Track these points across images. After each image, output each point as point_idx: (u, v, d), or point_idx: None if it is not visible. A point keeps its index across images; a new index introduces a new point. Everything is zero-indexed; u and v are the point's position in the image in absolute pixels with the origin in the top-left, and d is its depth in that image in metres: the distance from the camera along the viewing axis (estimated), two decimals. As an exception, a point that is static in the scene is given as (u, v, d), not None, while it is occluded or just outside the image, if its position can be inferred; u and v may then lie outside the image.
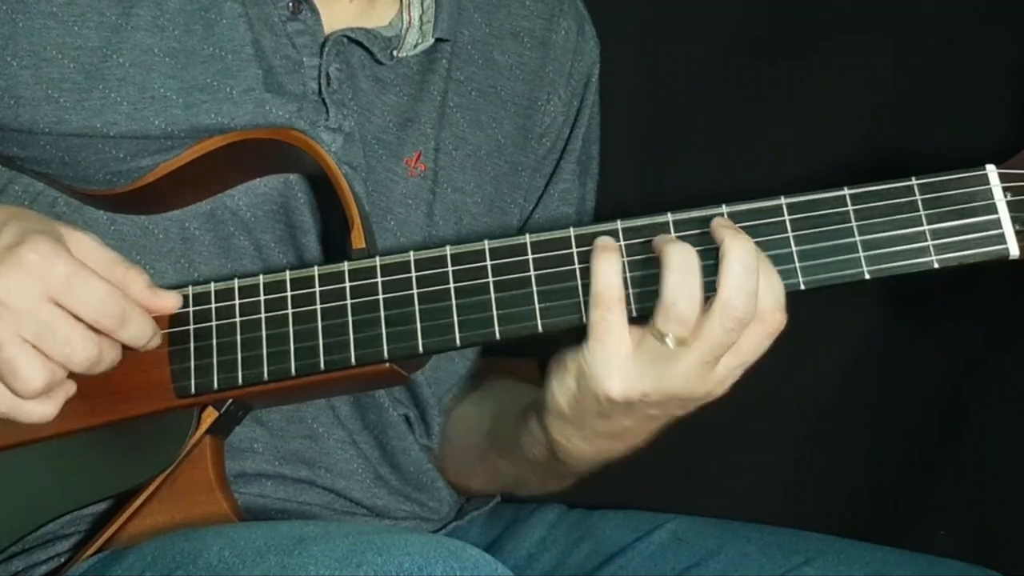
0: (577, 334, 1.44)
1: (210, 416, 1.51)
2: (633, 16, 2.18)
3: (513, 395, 1.70)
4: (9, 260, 1.38)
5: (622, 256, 1.43)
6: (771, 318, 1.40)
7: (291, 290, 1.50)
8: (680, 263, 1.38)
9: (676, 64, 2.21)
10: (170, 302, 1.49)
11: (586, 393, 1.43)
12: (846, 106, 2.10)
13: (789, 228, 1.43)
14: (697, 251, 1.41)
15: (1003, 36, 2.00)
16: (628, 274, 1.43)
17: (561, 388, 1.46)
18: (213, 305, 1.51)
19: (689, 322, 1.37)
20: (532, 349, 1.82)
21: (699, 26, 2.20)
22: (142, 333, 1.45)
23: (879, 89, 2.10)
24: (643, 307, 1.42)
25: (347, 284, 1.49)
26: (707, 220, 1.44)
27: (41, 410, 1.42)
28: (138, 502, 1.50)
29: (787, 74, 2.14)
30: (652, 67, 2.21)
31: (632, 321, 1.42)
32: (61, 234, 1.43)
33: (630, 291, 1.43)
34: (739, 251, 1.38)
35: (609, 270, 1.40)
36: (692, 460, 2.04)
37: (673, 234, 1.44)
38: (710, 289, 1.39)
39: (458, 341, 1.46)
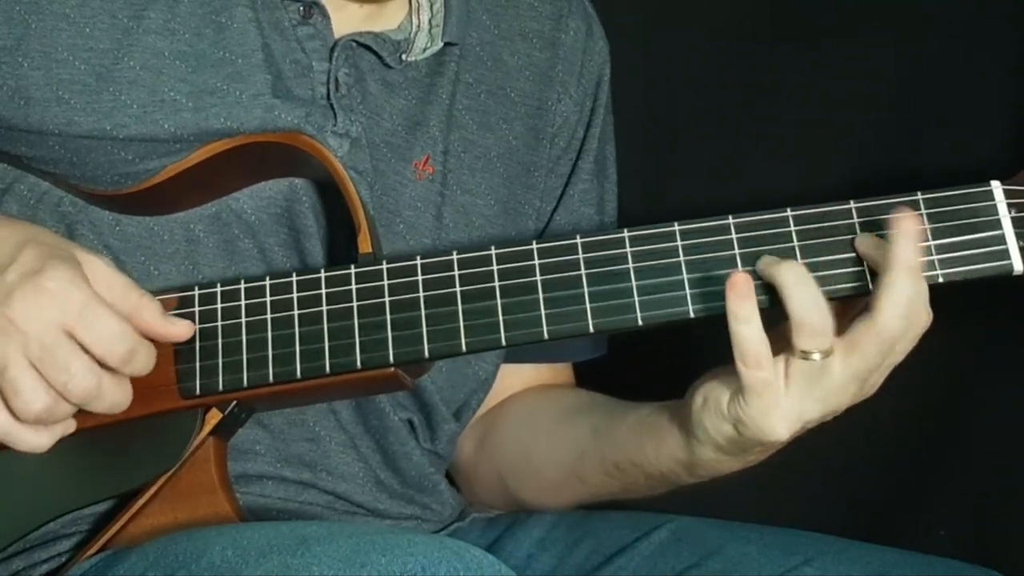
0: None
1: (214, 418, 1.51)
2: (635, 19, 2.17)
3: (616, 416, 1.69)
4: (28, 285, 1.39)
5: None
6: (917, 320, 1.40)
7: (297, 292, 1.50)
8: (794, 277, 1.38)
9: (679, 70, 2.20)
10: (183, 330, 1.49)
11: (748, 439, 1.45)
12: (852, 117, 2.10)
13: (795, 239, 1.43)
14: (704, 259, 1.43)
15: (1011, 50, 1.99)
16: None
17: (718, 431, 1.47)
18: (219, 306, 1.51)
19: (827, 331, 1.37)
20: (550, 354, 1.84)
21: (702, 30, 2.20)
22: (145, 369, 1.46)
23: (885, 101, 2.09)
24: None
25: (353, 287, 1.49)
26: (714, 230, 1.44)
27: (35, 440, 1.43)
28: (141, 502, 1.51)
29: (790, 84, 2.13)
30: (654, 70, 2.20)
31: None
32: (78, 259, 1.43)
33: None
34: (906, 276, 1.38)
35: (749, 326, 1.38)
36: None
37: (679, 243, 1.45)
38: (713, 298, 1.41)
39: (464, 347, 1.47)
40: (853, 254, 1.42)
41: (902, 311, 1.38)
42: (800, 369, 1.39)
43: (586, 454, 1.69)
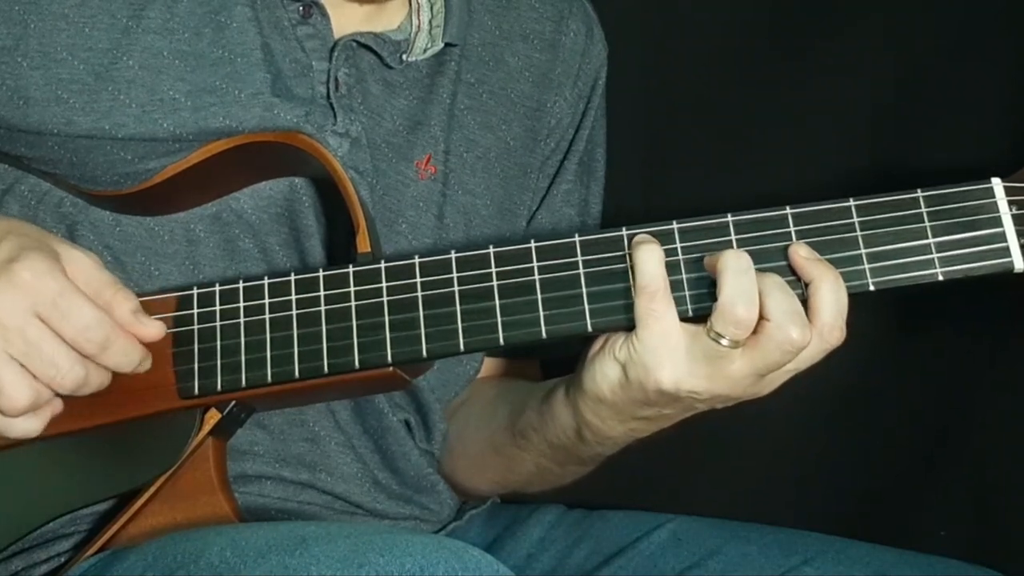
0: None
1: (213, 418, 1.51)
2: (636, 20, 2.17)
3: (528, 388, 1.70)
4: (3, 275, 1.39)
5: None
6: (830, 335, 1.40)
7: (296, 293, 1.50)
8: (736, 264, 1.38)
9: (679, 68, 2.20)
10: (153, 331, 1.47)
11: (633, 382, 1.43)
12: (851, 115, 2.09)
13: (794, 238, 1.42)
14: (701, 258, 1.42)
15: (1011, 48, 1.99)
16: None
17: (605, 376, 1.46)
18: (218, 307, 1.51)
19: (747, 324, 1.37)
20: (536, 350, 1.84)
21: (703, 31, 2.20)
22: (126, 361, 1.45)
23: (884, 98, 2.09)
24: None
25: (351, 288, 1.48)
26: (713, 229, 1.44)
27: (27, 426, 1.42)
28: (140, 502, 1.51)
29: (791, 82, 2.13)
30: (655, 71, 2.20)
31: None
32: (58, 252, 1.43)
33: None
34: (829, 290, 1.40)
35: (651, 260, 1.41)
36: (692, 460, 2.05)
37: (678, 243, 1.44)
38: (712, 297, 1.40)
39: (462, 346, 1.46)
40: (854, 252, 1.42)
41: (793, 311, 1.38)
42: (705, 343, 1.39)
43: (501, 425, 1.70)
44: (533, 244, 1.47)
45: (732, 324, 1.37)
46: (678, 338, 1.40)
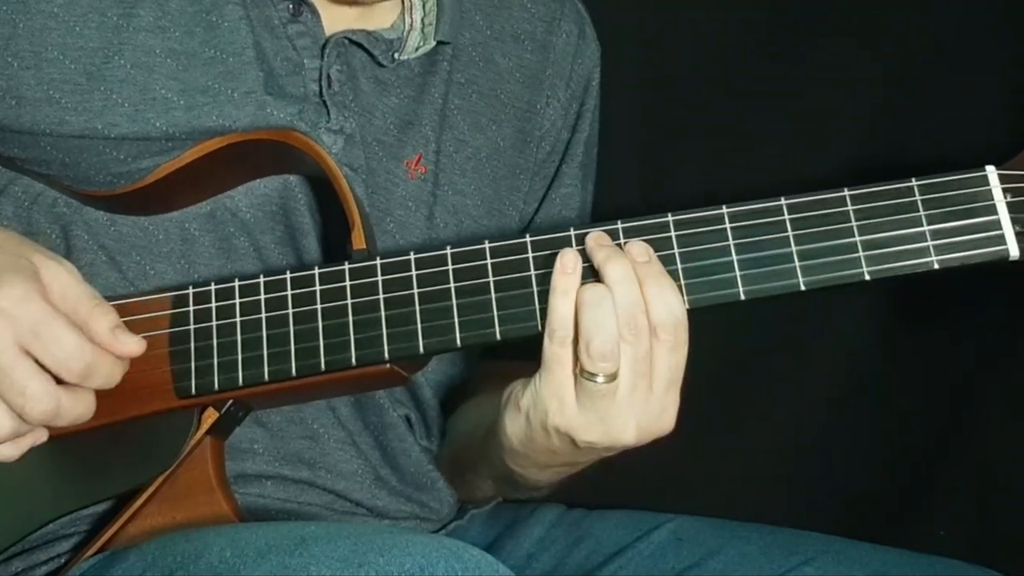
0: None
1: (210, 417, 1.51)
2: (632, 17, 2.18)
3: (481, 415, 1.70)
4: None
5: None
6: (664, 335, 1.40)
7: (292, 289, 1.49)
8: (589, 298, 1.39)
9: (676, 64, 2.21)
10: (131, 347, 1.46)
11: (536, 427, 1.44)
12: (846, 107, 2.11)
13: (789, 228, 1.42)
14: (697, 250, 1.42)
15: (1004, 38, 2.00)
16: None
17: (513, 425, 1.47)
18: (214, 304, 1.51)
19: (610, 354, 1.37)
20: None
21: (699, 26, 2.21)
22: (111, 383, 1.45)
23: (879, 90, 2.10)
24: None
25: (347, 284, 1.48)
26: (708, 220, 1.44)
27: (5, 452, 1.42)
28: (139, 503, 1.50)
29: (787, 74, 2.14)
30: (651, 67, 2.21)
31: None
32: (37, 269, 1.41)
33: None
34: (612, 267, 1.40)
35: (565, 304, 1.41)
36: (692, 460, 2.05)
37: (673, 233, 1.44)
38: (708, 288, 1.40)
39: (459, 341, 1.46)
40: (849, 240, 1.42)
41: (622, 299, 1.39)
42: (585, 390, 1.40)
43: (471, 444, 1.70)
44: (528, 239, 1.47)
45: (597, 357, 1.37)
46: (574, 392, 1.41)
